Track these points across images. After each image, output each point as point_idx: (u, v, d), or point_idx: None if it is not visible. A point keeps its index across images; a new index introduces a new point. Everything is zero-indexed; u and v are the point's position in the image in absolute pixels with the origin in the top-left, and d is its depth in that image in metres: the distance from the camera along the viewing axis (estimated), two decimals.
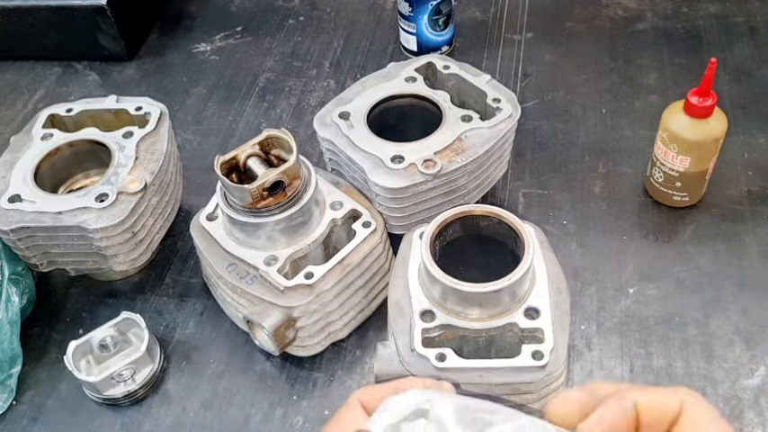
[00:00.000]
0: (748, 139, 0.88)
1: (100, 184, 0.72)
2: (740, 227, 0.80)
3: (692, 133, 0.73)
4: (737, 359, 0.69)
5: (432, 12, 0.97)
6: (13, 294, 0.72)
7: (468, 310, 0.57)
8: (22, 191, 0.72)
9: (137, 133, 0.76)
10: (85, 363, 0.70)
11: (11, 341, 0.70)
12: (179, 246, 0.84)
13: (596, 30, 1.06)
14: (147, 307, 0.78)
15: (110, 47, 1.07)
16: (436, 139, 0.74)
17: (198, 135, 0.97)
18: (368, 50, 1.07)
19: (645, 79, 0.98)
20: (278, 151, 0.68)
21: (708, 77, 0.70)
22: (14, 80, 1.08)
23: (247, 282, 0.67)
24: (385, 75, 0.82)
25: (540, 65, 1.02)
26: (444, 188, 0.73)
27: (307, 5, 1.17)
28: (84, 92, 1.05)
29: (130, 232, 0.72)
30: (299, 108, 0.99)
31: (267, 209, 0.65)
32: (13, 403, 0.71)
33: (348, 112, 0.77)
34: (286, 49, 1.09)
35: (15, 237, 0.70)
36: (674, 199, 0.80)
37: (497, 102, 0.77)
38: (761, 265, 0.76)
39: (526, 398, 0.58)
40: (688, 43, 1.02)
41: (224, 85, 1.04)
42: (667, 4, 1.09)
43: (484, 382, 0.56)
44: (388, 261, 0.73)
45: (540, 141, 0.91)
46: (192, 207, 0.86)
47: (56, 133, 0.78)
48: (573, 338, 0.71)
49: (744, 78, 0.96)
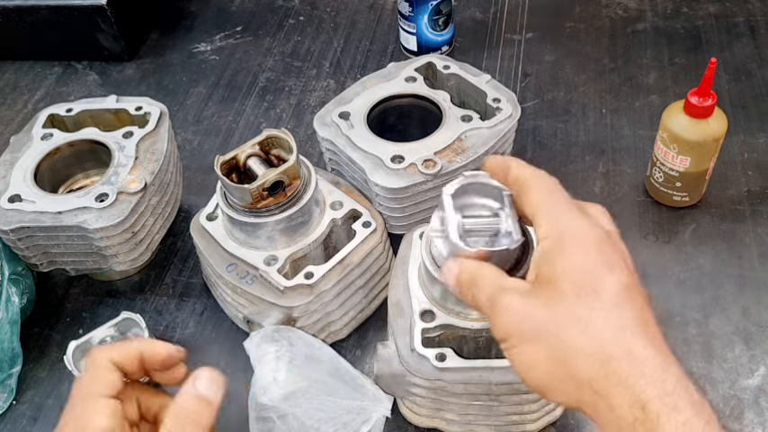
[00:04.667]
0: (748, 139, 0.88)
1: (100, 184, 0.72)
2: (740, 227, 0.80)
3: (692, 133, 0.73)
4: (737, 359, 0.69)
5: (432, 12, 0.97)
6: (13, 294, 0.72)
7: (469, 310, 0.57)
8: (22, 191, 0.72)
9: (137, 133, 0.76)
10: (85, 363, 0.70)
11: (11, 341, 0.70)
12: (179, 246, 0.84)
13: (596, 30, 1.06)
14: (147, 307, 0.78)
15: (110, 47, 1.07)
16: (436, 139, 0.74)
17: (198, 135, 0.97)
18: (368, 50, 1.07)
19: (645, 79, 0.98)
20: (278, 151, 0.68)
21: (708, 77, 0.70)
22: (14, 80, 1.08)
23: (247, 282, 0.67)
24: (385, 75, 0.82)
25: (540, 65, 1.02)
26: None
27: (307, 5, 1.17)
28: (84, 92, 1.05)
29: (130, 232, 0.72)
30: (299, 108, 0.99)
31: (267, 209, 0.65)
32: (13, 403, 0.71)
33: (348, 112, 0.77)
34: (286, 48, 1.09)
35: (15, 237, 0.70)
36: (674, 199, 0.80)
37: (497, 102, 0.77)
38: (761, 265, 0.76)
39: (526, 398, 0.58)
40: (688, 43, 1.02)
41: (224, 84, 1.04)
42: (667, 4, 1.09)
43: (484, 381, 0.57)
44: (388, 261, 0.73)
45: (539, 141, 0.91)
46: (192, 207, 0.86)
47: (56, 133, 0.78)
48: None
49: (744, 78, 0.96)
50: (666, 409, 0.39)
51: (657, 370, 0.40)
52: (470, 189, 0.52)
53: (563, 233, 0.45)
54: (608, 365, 0.40)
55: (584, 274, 0.43)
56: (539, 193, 0.47)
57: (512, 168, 0.50)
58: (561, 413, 0.64)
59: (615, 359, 0.40)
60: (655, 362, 0.40)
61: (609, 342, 0.41)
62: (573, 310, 0.42)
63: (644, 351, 0.41)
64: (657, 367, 0.40)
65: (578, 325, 0.42)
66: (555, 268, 0.44)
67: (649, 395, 0.39)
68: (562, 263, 0.44)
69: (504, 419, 0.61)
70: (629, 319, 0.42)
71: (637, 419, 0.39)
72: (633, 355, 0.40)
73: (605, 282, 0.43)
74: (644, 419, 0.39)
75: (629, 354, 0.40)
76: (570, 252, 0.44)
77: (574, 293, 0.42)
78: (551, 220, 0.46)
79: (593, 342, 0.41)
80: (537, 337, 0.43)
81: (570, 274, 0.43)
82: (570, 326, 0.42)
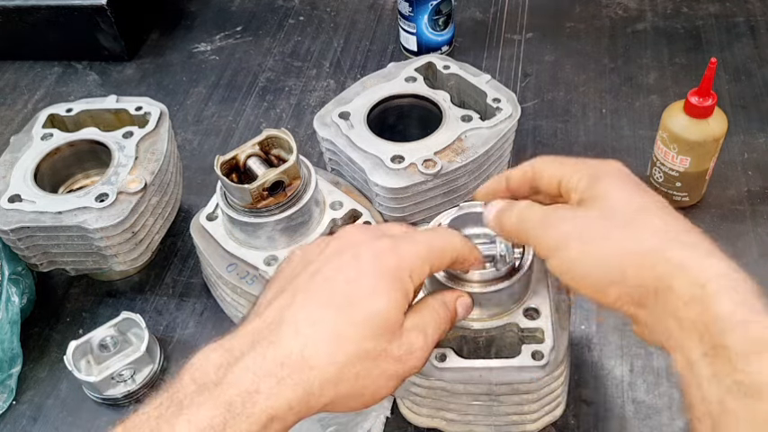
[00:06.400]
0: (748, 139, 0.88)
1: (100, 184, 0.72)
2: (740, 227, 0.80)
3: (692, 133, 0.73)
4: None
5: (432, 12, 0.97)
6: (13, 294, 0.72)
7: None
8: (22, 191, 0.72)
9: (137, 133, 0.76)
10: (85, 363, 0.70)
11: (11, 341, 0.70)
12: (179, 246, 0.84)
13: (596, 30, 1.06)
14: (147, 307, 0.78)
15: (110, 47, 1.07)
16: (436, 139, 0.74)
17: (198, 135, 0.97)
18: (368, 50, 1.07)
19: (645, 79, 0.98)
20: (278, 151, 0.68)
21: (708, 77, 0.70)
22: (14, 80, 1.08)
23: (247, 282, 0.67)
24: (385, 75, 0.82)
25: (540, 65, 1.02)
26: (444, 188, 0.73)
27: (307, 5, 1.17)
28: (84, 92, 1.05)
29: (130, 232, 0.72)
30: (299, 108, 0.99)
31: (267, 209, 0.65)
32: (13, 403, 0.71)
33: (348, 112, 0.77)
34: (286, 48, 1.09)
35: (15, 237, 0.70)
36: (674, 199, 0.80)
37: (497, 102, 0.77)
38: (761, 265, 0.76)
39: (526, 398, 0.58)
40: (688, 43, 1.02)
41: (224, 84, 1.04)
42: (667, 4, 1.09)
43: (484, 381, 0.57)
44: None
45: (540, 141, 0.91)
46: (192, 207, 0.86)
47: (56, 133, 0.78)
48: (573, 338, 0.71)
49: (744, 78, 0.96)
50: (725, 288, 0.41)
51: (712, 256, 0.43)
52: (467, 219, 0.54)
53: (594, 170, 0.49)
54: (666, 252, 0.43)
55: (627, 190, 0.47)
56: (551, 164, 0.51)
57: (510, 178, 0.53)
58: (561, 413, 0.64)
59: (673, 247, 0.43)
60: (708, 249, 0.43)
61: (663, 233, 0.44)
62: (625, 214, 0.46)
63: (697, 242, 0.44)
64: (711, 253, 0.43)
65: (634, 224, 0.45)
66: (597, 191, 0.47)
67: (709, 275, 0.41)
68: (607, 185, 0.47)
69: (504, 419, 0.61)
70: (673, 220, 0.46)
71: (694, 297, 0.41)
72: (688, 244, 0.44)
73: (648, 196, 0.47)
74: (702, 296, 0.41)
75: (683, 243, 0.44)
76: (607, 180, 0.48)
77: (625, 203, 0.46)
78: (578, 170, 0.49)
79: (649, 234, 0.44)
80: (593, 239, 0.46)
81: (617, 192, 0.47)
82: (626, 225, 0.45)
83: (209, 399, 0.40)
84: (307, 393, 0.42)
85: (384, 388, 0.46)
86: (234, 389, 0.41)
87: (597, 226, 0.46)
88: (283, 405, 0.41)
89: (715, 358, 0.39)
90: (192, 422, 0.39)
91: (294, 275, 0.47)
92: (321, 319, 0.44)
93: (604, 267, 0.45)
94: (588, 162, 0.50)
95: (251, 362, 0.42)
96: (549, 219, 0.48)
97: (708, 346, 0.39)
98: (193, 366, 0.43)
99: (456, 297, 0.52)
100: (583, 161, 0.50)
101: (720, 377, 0.38)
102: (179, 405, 0.40)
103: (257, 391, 0.41)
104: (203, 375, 0.42)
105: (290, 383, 0.41)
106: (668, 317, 0.42)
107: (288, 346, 0.43)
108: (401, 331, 0.45)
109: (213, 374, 0.42)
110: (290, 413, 0.42)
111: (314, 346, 0.43)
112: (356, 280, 0.45)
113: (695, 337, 0.40)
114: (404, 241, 0.48)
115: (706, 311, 0.40)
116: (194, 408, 0.40)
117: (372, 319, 0.44)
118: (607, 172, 0.49)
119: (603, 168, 0.49)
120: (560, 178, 0.50)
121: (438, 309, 0.49)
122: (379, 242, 0.47)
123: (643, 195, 0.47)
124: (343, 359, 0.43)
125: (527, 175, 0.52)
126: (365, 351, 0.43)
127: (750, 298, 0.40)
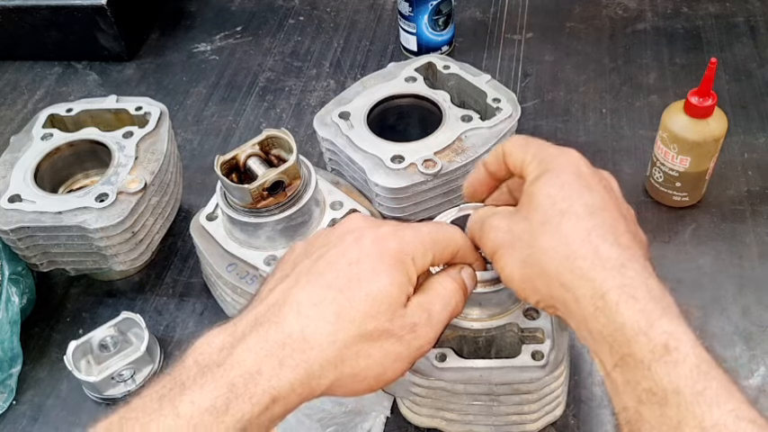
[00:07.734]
0: (748, 139, 0.88)
1: (100, 184, 0.72)
2: (740, 227, 0.80)
3: (692, 133, 0.73)
4: (737, 359, 0.69)
5: (432, 12, 0.97)
6: (13, 294, 0.72)
7: (469, 310, 0.58)
8: (22, 191, 0.72)
9: (137, 133, 0.76)
10: (85, 363, 0.70)
11: (11, 341, 0.70)
12: (179, 246, 0.84)
13: (596, 30, 1.06)
14: (147, 307, 0.78)
15: (110, 47, 1.07)
16: (436, 138, 0.74)
17: (198, 135, 0.97)
18: (368, 50, 1.07)
19: (645, 79, 0.98)
20: (278, 151, 0.68)
21: (708, 77, 0.70)
22: (14, 80, 1.08)
23: (247, 282, 0.67)
24: (385, 75, 0.82)
25: (540, 65, 1.02)
26: (444, 188, 0.73)
27: (307, 5, 1.17)
28: (84, 92, 1.05)
29: (130, 232, 0.72)
30: (299, 108, 0.99)
31: (267, 209, 0.65)
32: (13, 403, 0.71)
33: (348, 112, 0.77)
34: (286, 48, 1.09)
35: (15, 237, 0.70)
36: (674, 199, 0.80)
37: (497, 102, 0.77)
38: (761, 265, 0.76)
39: (526, 398, 0.58)
40: (688, 43, 1.02)
41: (224, 84, 1.04)
42: (667, 4, 1.09)
43: (484, 381, 0.57)
44: None
45: None
46: (192, 207, 0.86)
47: (56, 133, 0.78)
48: (573, 338, 0.71)
49: (744, 78, 0.96)
50: (624, 297, 0.41)
51: (617, 264, 0.43)
52: (467, 219, 0.54)
53: (545, 161, 0.49)
54: (573, 261, 0.44)
55: (562, 189, 0.47)
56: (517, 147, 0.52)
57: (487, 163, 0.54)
58: (561, 413, 0.64)
59: (581, 256, 0.44)
60: (617, 258, 0.43)
61: (575, 242, 0.44)
62: (547, 218, 0.46)
63: (609, 250, 0.43)
64: (618, 262, 0.43)
65: (550, 229, 0.46)
66: (535, 188, 0.47)
67: (609, 286, 0.42)
68: (542, 183, 0.47)
69: (504, 419, 0.61)
70: (597, 225, 0.45)
71: (597, 308, 0.42)
72: (597, 252, 0.44)
73: (581, 196, 0.46)
74: (603, 307, 0.41)
75: (593, 252, 0.44)
76: (550, 175, 0.48)
77: (550, 205, 0.46)
78: (536, 156, 0.50)
79: (561, 242, 0.45)
80: (517, 244, 0.47)
81: (549, 190, 0.47)
82: (543, 231, 0.46)
83: (212, 380, 0.40)
84: (308, 374, 0.42)
85: (390, 370, 0.45)
86: (236, 370, 0.41)
87: (520, 231, 0.47)
88: (285, 386, 0.41)
89: (625, 368, 0.40)
90: (194, 402, 0.39)
91: (297, 262, 0.48)
92: (322, 300, 0.44)
93: (523, 275, 0.47)
94: (547, 150, 0.50)
95: (253, 343, 0.42)
96: (485, 225, 0.50)
97: (617, 357, 0.41)
98: (197, 349, 0.42)
99: (459, 268, 0.51)
100: (544, 147, 0.51)
101: (633, 385, 0.40)
102: (182, 386, 0.40)
103: (259, 372, 0.41)
104: (206, 357, 0.42)
105: (292, 364, 0.41)
106: (581, 327, 0.44)
107: (289, 326, 0.43)
108: (404, 311, 0.45)
109: (216, 356, 0.42)
110: (293, 394, 0.42)
111: (315, 326, 0.43)
112: (358, 261, 0.45)
113: (606, 348, 0.42)
114: (406, 228, 0.49)
115: (610, 323, 0.41)
116: (197, 388, 0.40)
117: (373, 299, 0.44)
118: (554, 167, 0.48)
119: (553, 161, 0.49)
120: (521, 162, 0.51)
121: (443, 283, 0.49)
122: (382, 228, 0.48)
123: (583, 191, 0.47)
124: (343, 339, 0.43)
125: (500, 158, 0.53)
126: (366, 331, 0.44)
127: (649, 304, 0.41)
